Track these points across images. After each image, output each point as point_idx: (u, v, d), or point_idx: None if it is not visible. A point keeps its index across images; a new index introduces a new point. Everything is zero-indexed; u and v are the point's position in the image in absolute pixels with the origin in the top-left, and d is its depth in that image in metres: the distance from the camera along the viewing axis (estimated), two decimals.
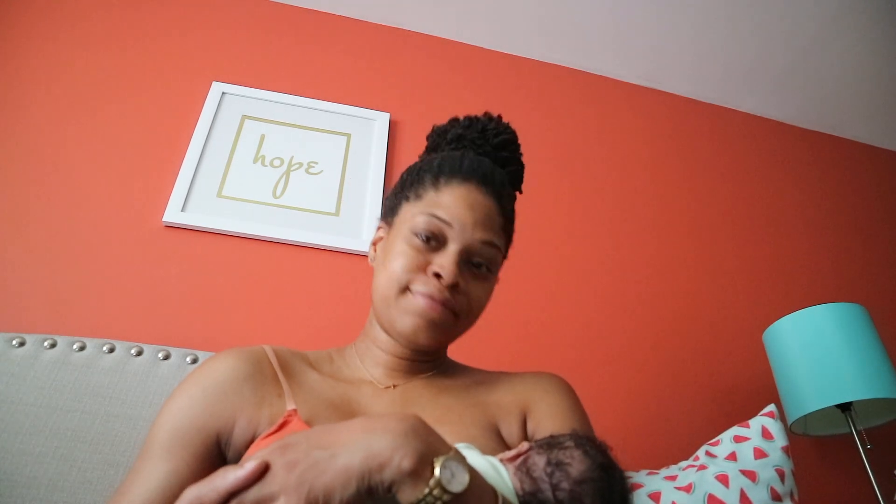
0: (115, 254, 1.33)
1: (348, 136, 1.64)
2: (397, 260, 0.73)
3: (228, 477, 0.43)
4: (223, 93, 1.60)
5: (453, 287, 0.71)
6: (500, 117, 0.89)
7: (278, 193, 1.50)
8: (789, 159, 2.08)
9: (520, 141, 0.92)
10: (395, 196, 0.82)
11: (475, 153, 0.84)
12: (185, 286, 1.33)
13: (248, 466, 0.43)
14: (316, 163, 1.57)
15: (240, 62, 1.69)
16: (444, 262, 0.72)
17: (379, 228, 0.84)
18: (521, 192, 0.93)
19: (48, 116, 1.45)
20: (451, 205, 0.75)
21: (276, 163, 1.55)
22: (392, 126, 1.70)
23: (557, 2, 1.82)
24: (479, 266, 0.75)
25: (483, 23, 1.90)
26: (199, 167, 1.48)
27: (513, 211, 0.84)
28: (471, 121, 0.87)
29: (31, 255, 1.28)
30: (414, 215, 0.75)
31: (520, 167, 0.91)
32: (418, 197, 0.78)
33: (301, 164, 1.56)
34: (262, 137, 1.58)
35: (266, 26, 1.77)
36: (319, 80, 1.72)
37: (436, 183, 0.78)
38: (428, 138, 0.91)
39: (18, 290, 1.23)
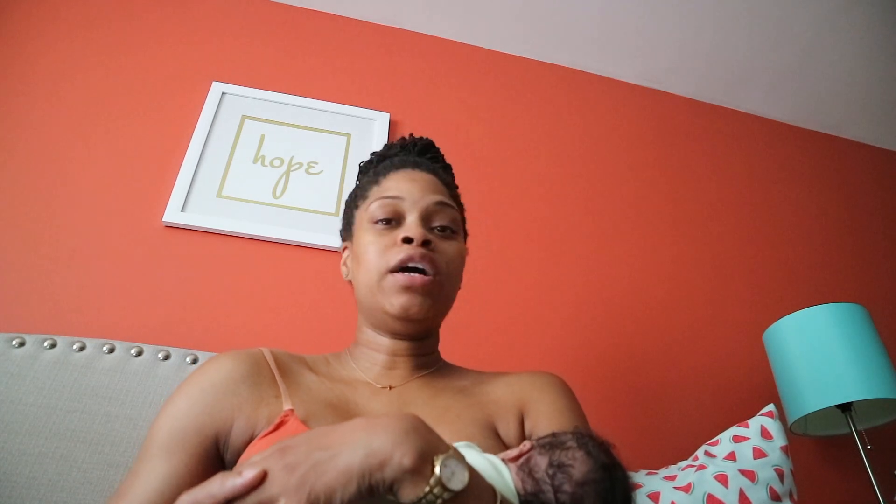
0: (115, 254, 1.33)
1: (348, 136, 1.64)
2: (368, 250, 0.77)
3: (226, 484, 0.43)
4: (223, 93, 1.60)
5: (426, 244, 0.75)
6: (412, 135, 0.96)
7: (278, 193, 1.50)
8: (789, 159, 2.08)
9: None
10: (346, 215, 0.88)
11: None
12: (185, 286, 1.33)
13: (246, 475, 0.43)
14: (316, 163, 1.57)
15: (240, 62, 1.69)
16: (409, 226, 0.76)
17: (344, 249, 0.88)
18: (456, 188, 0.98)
19: (48, 116, 1.46)
20: (395, 184, 0.81)
21: (276, 163, 1.55)
22: (392, 126, 1.70)
23: (558, 2, 1.82)
24: (444, 229, 0.80)
25: (482, 23, 1.90)
26: (199, 167, 1.48)
27: (455, 187, 0.90)
28: (390, 144, 0.94)
29: (31, 255, 1.28)
30: (367, 210, 0.80)
31: (446, 166, 0.96)
32: (365, 198, 0.83)
33: (301, 164, 1.56)
34: (262, 137, 1.58)
35: (266, 26, 1.77)
36: (319, 80, 1.72)
37: (376, 181, 0.84)
38: (358, 174, 0.96)
39: (18, 290, 1.23)
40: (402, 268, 0.74)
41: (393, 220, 0.78)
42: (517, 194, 1.71)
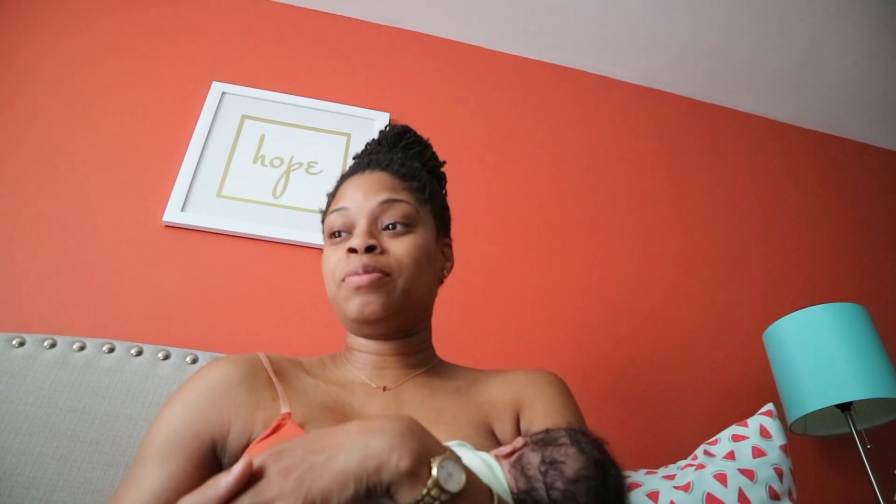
0: (115, 254, 1.33)
1: (348, 135, 1.64)
2: (325, 264, 0.80)
3: (220, 483, 0.42)
4: (223, 93, 1.61)
5: (370, 250, 0.75)
6: (391, 124, 0.95)
7: (278, 193, 1.50)
8: (790, 159, 2.08)
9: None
10: (322, 227, 0.88)
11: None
12: (185, 286, 1.33)
13: (234, 470, 0.43)
14: (316, 163, 1.57)
15: (240, 62, 1.69)
16: (354, 236, 0.77)
17: None
18: (443, 164, 0.96)
19: (49, 116, 1.46)
20: (343, 195, 0.82)
21: (276, 163, 1.55)
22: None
23: (560, 2, 1.82)
24: (394, 226, 0.79)
25: (483, 23, 1.90)
26: (199, 167, 1.48)
27: (420, 175, 0.86)
28: (370, 141, 0.94)
29: (31, 255, 1.28)
30: (326, 223, 0.82)
31: (424, 147, 0.94)
32: (326, 211, 0.85)
33: (301, 164, 1.56)
34: (262, 137, 1.58)
35: (266, 26, 1.77)
36: (319, 80, 1.72)
37: (334, 193, 0.86)
38: None
39: (18, 290, 1.24)
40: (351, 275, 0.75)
41: (344, 232, 0.79)
42: (518, 194, 1.70)
